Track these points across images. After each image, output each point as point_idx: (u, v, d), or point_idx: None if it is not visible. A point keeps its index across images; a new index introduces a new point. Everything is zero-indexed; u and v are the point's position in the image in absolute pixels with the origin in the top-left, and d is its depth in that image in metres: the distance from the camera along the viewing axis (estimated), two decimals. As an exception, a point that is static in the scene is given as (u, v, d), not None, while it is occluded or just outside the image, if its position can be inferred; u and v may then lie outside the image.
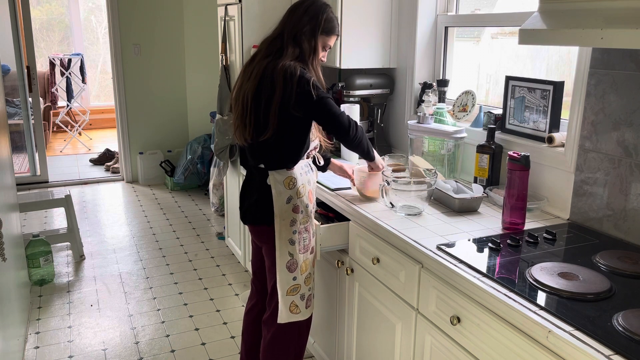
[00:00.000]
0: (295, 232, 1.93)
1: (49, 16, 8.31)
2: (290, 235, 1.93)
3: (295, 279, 1.96)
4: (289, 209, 1.92)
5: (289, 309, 1.98)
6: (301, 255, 1.96)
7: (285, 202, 1.92)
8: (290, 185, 1.92)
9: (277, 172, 1.92)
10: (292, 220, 1.93)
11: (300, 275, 1.97)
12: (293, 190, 1.92)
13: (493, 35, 2.55)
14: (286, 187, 1.92)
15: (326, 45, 1.98)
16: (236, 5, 3.05)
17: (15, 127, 5.44)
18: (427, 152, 2.36)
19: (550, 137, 1.96)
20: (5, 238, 2.07)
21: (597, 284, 1.35)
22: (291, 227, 1.93)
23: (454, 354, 1.51)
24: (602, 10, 1.34)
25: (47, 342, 2.77)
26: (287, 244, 1.93)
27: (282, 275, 1.95)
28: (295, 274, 1.96)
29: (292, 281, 1.96)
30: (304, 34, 1.90)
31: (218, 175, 4.35)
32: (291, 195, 1.92)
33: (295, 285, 1.97)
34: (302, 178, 1.96)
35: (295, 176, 1.93)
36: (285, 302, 1.97)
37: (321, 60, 2.00)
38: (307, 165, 2.01)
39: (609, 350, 1.09)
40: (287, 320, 1.99)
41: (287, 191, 1.92)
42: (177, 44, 5.46)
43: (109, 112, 7.86)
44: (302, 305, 2.00)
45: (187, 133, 5.68)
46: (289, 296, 1.97)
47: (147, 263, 3.71)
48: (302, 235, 1.95)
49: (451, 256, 1.55)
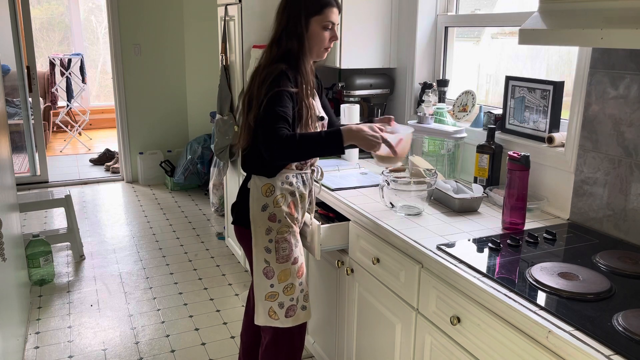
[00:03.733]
0: (271, 241, 1.89)
1: (48, 16, 8.31)
2: (265, 243, 1.89)
3: (272, 286, 1.91)
4: (265, 216, 1.88)
5: (267, 313, 1.93)
6: (279, 265, 1.90)
7: (260, 209, 1.88)
8: (267, 192, 1.88)
9: (259, 177, 1.89)
10: (268, 229, 1.88)
11: (279, 284, 1.91)
12: (270, 199, 1.88)
13: (493, 35, 2.55)
14: (263, 194, 1.88)
15: (325, 23, 1.83)
16: (236, 5, 3.05)
17: (15, 127, 5.44)
18: (427, 152, 2.37)
19: (550, 137, 1.95)
20: (5, 238, 2.07)
21: (597, 284, 1.35)
22: (267, 235, 1.89)
23: (454, 354, 1.51)
24: (602, 10, 1.34)
25: (47, 342, 2.77)
26: (263, 251, 1.90)
27: (257, 280, 1.92)
28: (272, 282, 1.91)
29: (270, 288, 1.91)
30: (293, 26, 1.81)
31: (218, 175, 4.35)
32: (267, 203, 1.88)
33: (272, 292, 1.91)
34: (283, 188, 1.90)
35: (274, 184, 1.88)
36: (263, 306, 1.93)
37: (327, 46, 1.88)
38: (296, 176, 1.93)
39: (609, 350, 1.09)
40: (265, 324, 1.95)
41: (264, 198, 1.88)
42: (177, 44, 5.46)
43: (109, 112, 7.86)
44: (280, 313, 1.94)
45: (187, 133, 5.68)
46: (267, 301, 1.92)
47: (147, 263, 3.71)
48: (281, 244, 1.90)
49: (451, 256, 1.55)
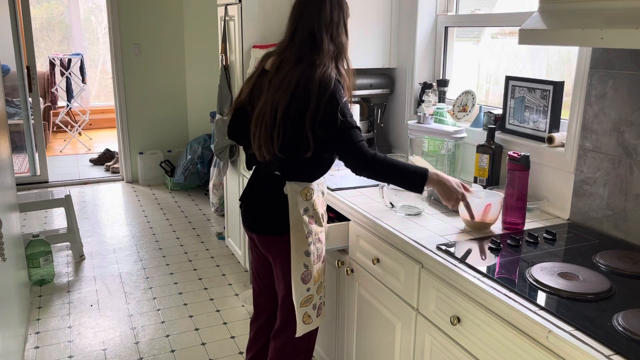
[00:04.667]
0: (310, 244, 1.84)
1: (48, 16, 8.31)
2: (306, 247, 1.83)
3: (308, 290, 1.87)
4: (306, 220, 1.82)
5: (302, 320, 1.90)
6: (315, 266, 1.87)
7: (302, 214, 1.81)
8: (307, 196, 1.82)
9: (296, 182, 1.81)
10: (309, 232, 1.83)
11: (313, 286, 1.88)
12: (310, 202, 1.83)
13: (493, 35, 2.55)
14: (303, 198, 1.81)
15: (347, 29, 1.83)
16: (236, 5, 3.05)
17: (15, 127, 5.44)
18: (427, 152, 2.36)
19: (550, 137, 1.95)
20: (5, 238, 2.07)
21: (597, 284, 1.35)
22: (307, 239, 1.83)
23: (454, 354, 1.51)
24: (602, 10, 1.34)
25: (47, 342, 2.77)
26: (303, 256, 1.83)
27: (296, 286, 1.85)
28: (309, 285, 1.87)
29: (306, 292, 1.87)
30: (336, 25, 1.77)
31: (218, 175, 4.35)
32: (308, 207, 1.83)
33: (308, 296, 1.88)
34: (319, 188, 1.87)
35: (313, 187, 1.84)
36: (299, 315, 1.88)
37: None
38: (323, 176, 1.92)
39: (609, 350, 1.09)
40: (302, 333, 1.91)
41: (304, 202, 1.82)
42: (177, 44, 5.46)
43: (109, 112, 7.86)
44: (313, 315, 1.92)
45: (187, 133, 5.68)
46: (303, 307, 1.88)
47: (147, 263, 3.71)
48: (317, 245, 1.87)
49: (451, 256, 1.55)
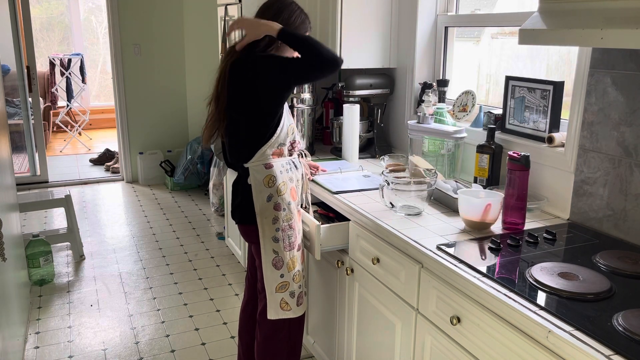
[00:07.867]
0: (278, 230, 1.94)
1: (48, 16, 8.31)
2: (273, 233, 1.94)
3: (282, 276, 1.98)
4: (270, 206, 1.94)
5: (279, 305, 2.00)
6: (287, 253, 1.97)
7: (265, 200, 1.93)
8: (269, 183, 1.94)
9: (257, 171, 1.94)
10: (274, 218, 1.94)
11: (288, 273, 1.98)
12: (273, 189, 1.94)
13: (493, 35, 2.55)
14: (266, 185, 1.93)
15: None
16: (236, 5, 3.05)
17: (15, 127, 5.44)
18: (427, 152, 2.36)
19: (550, 137, 1.95)
20: (5, 238, 2.07)
21: (597, 284, 1.35)
22: (274, 225, 1.94)
23: (454, 354, 1.51)
24: (602, 10, 1.34)
25: (47, 342, 2.77)
26: (271, 242, 1.95)
27: (268, 273, 1.97)
28: (282, 272, 1.97)
29: (280, 278, 1.98)
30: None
31: (218, 175, 4.35)
32: (271, 194, 1.94)
33: (283, 282, 1.98)
34: (283, 176, 1.96)
35: (274, 174, 1.94)
36: (275, 299, 1.99)
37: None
38: (288, 163, 2.01)
39: (609, 350, 1.09)
40: (278, 317, 2.01)
41: (267, 189, 1.93)
42: (177, 44, 5.47)
43: (109, 112, 7.86)
44: (292, 303, 2.02)
45: (187, 133, 5.68)
46: (279, 293, 1.99)
47: (147, 263, 3.71)
48: (287, 232, 1.96)
49: (451, 256, 1.55)
